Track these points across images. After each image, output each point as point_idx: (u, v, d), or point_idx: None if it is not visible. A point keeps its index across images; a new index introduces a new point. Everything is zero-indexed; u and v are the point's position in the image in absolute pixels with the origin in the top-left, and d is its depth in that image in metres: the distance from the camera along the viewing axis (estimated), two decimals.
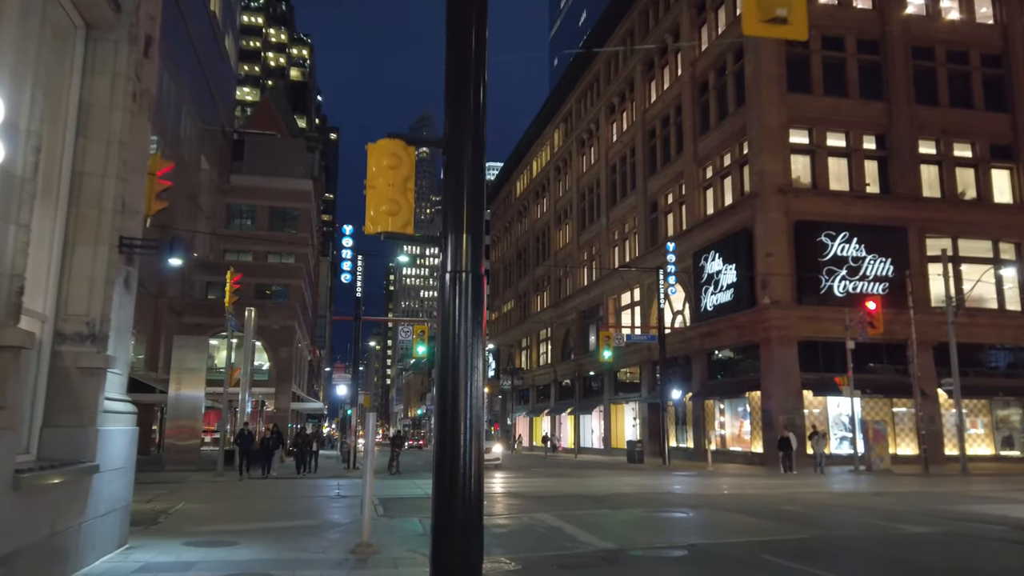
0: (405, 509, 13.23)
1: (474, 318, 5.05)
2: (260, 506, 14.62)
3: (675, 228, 38.65)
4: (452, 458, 4.93)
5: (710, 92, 35.89)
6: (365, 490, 8.56)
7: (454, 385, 4.97)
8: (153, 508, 13.60)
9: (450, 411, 4.97)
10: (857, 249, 30.52)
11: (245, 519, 12.33)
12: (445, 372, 5.03)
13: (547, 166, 62.77)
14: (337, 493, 17.53)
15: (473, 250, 5.09)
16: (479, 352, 5.07)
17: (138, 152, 8.64)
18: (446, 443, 4.95)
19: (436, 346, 5.17)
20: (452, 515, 4.92)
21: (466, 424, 4.93)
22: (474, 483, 4.97)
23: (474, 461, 4.96)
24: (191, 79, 40.78)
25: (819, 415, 29.60)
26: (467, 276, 5.04)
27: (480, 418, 5.03)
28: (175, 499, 15.39)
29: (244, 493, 17.21)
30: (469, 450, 4.93)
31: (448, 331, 5.03)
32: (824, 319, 29.32)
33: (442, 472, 4.99)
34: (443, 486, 4.98)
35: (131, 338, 8.74)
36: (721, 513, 12.69)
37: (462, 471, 4.92)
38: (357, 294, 30.03)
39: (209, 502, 15.51)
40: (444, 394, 5.01)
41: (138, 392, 33.26)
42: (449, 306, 5.03)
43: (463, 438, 4.91)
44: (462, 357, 4.97)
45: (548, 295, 61.26)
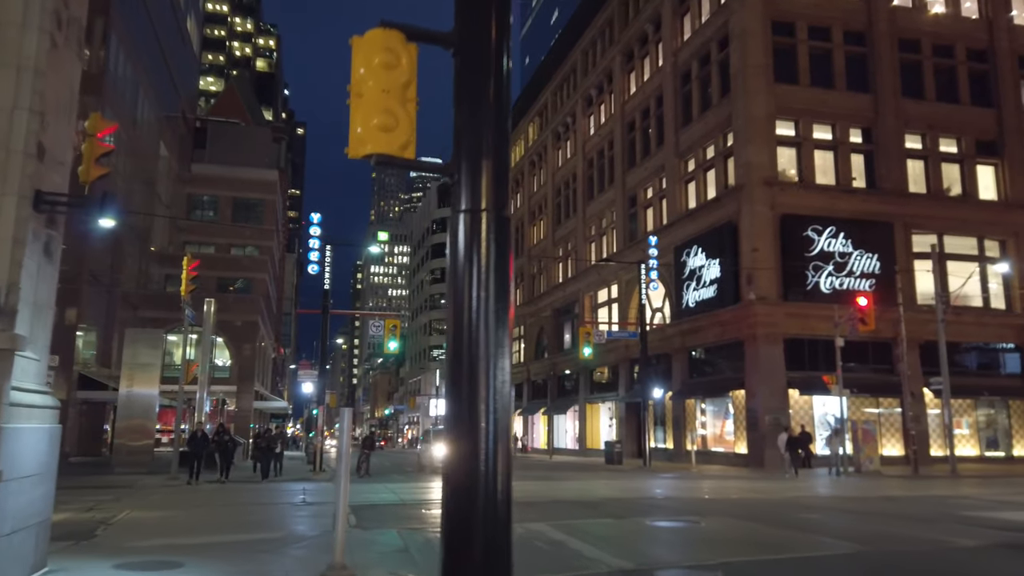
0: (381, 518, 11.77)
1: (498, 276, 3.69)
2: (215, 515, 13.04)
3: (655, 223, 37.60)
4: (469, 463, 3.55)
5: (693, 82, 34.89)
6: (339, 500, 7.12)
7: (472, 366, 3.60)
8: (92, 518, 11.97)
9: (466, 400, 3.60)
10: (844, 244, 29.72)
11: (196, 531, 10.78)
12: (460, 349, 3.65)
13: (521, 161, 61.46)
14: (302, 499, 15.97)
15: (496, 183, 3.73)
16: (505, 322, 3.71)
17: (62, 91, 7.11)
18: (462, 443, 3.58)
19: (448, 317, 3.78)
20: (470, 538, 3.54)
21: (489, 417, 3.57)
22: (501, 496, 3.60)
23: (500, 467, 3.60)
24: (149, 60, 38.67)
25: (804, 415, 28.71)
26: (489, 217, 3.68)
27: (507, 409, 3.66)
28: (120, 507, 13.74)
29: (199, 500, 15.57)
30: (493, 452, 3.56)
31: (463, 294, 3.67)
32: (810, 316, 28.44)
33: (456, 481, 3.62)
34: (458, 499, 3.61)
35: (52, 318, 7.19)
36: (735, 522, 11.46)
37: (484, 480, 3.54)
38: (325, 286, 28.38)
39: (158, 510, 13.86)
40: (458, 378, 3.64)
41: (89, 389, 31.27)
42: (465, 260, 3.67)
43: (485, 436, 3.54)
44: (482, 329, 3.61)
45: (521, 292, 59.94)
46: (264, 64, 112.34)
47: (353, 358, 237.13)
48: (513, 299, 3.68)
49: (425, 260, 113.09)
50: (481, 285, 3.62)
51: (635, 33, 41.13)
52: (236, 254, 48.93)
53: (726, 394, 30.79)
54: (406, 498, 15.78)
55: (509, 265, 3.74)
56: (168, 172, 45.73)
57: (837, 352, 25.65)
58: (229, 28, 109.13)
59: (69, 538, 9.72)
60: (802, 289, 29.16)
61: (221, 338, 45.55)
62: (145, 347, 24.99)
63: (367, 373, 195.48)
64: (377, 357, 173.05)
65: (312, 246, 28.26)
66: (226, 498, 16.13)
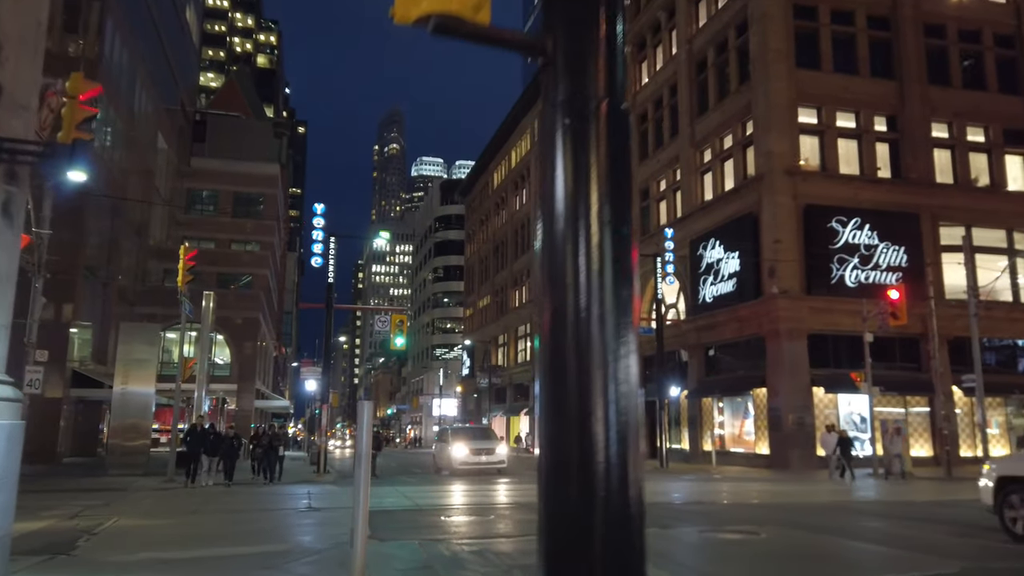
0: (397, 527, 10.58)
1: (616, 202, 2.50)
2: (211, 523, 11.86)
3: (668, 216, 36.41)
4: (584, 469, 2.35)
5: (709, 70, 33.68)
6: (357, 511, 5.94)
7: (581, 333, 2.39)
8: (75, 527, 10.80)
9: (573, 381, 2.39)
10: (869, 236, 28.52)
11: (190, 543, 9.61)
12: (562, 305, 2.46)
13: (527, 155, 60.25)
14: (307, 504, 14.78)
15: (610, 60, 2.53)
16: (629, 271, 2.51)
17: (26, 22, 5.94)
18: (569, 443, 2.38)
19: (540, 267, 2.56)
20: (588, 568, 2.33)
21: (608, 406, 2.38)
22: (634, 512, 2.39)
23: (632, 475, 2.39)
24: (147, 49, 37.51)
25: (830, 414, 27.50)
26: (602, 111, 2.49)
27: (632, 394, 2.45)
28: (108, 513, 12.57)
29: (195, 505, 14.39)
30: (617, 464, 2.36)
31: (563, 232, 2.47)
32: (835, 311, 27.25)
33: (560, 491, 2.40)
34: (565, 516, 2.39)
35: (12, 293, 6.01)
36: (800, 533, 10.20)
37: (605, 492, 2.34)
38: (329, 279, 27.20)
39: (150, 517, 12.70)
40: (559, 349, 2.44)
41: (83, 387, 30.07)
42: (566, 180, 2.47)
43: (602, 441, 2.34)
44: (595, 280, 2.42)
45: (527, 289, 58.75)
46: (265, 60, 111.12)
47: (355, 357, 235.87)
48: (635, 229, 2.44)
49: (428, 258, 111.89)
50: (592, 215, 2.43)
51: (647, 21, 39.93)
52: (236, 250, 47.76)
53: (745, 392, 29.59)
54: (422, 503, 14.59)
55: (629, 186, 2.54)
56: (167, 165, 44.60)
57: (866, 348, 24.44)
58: (230, 23, 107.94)
59: (45, 551, 8.55)
60: (826, 283, 27.95)
61: (221, 335, 44.41)
62: (141, 343, 23.86)
63: (368, 372, 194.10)
64: (379, 357, 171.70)
65: (316, 238, 27.15)
66: (224, 503, 14.95)
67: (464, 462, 24.69)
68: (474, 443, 25.57)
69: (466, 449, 25.00)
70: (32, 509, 12.90)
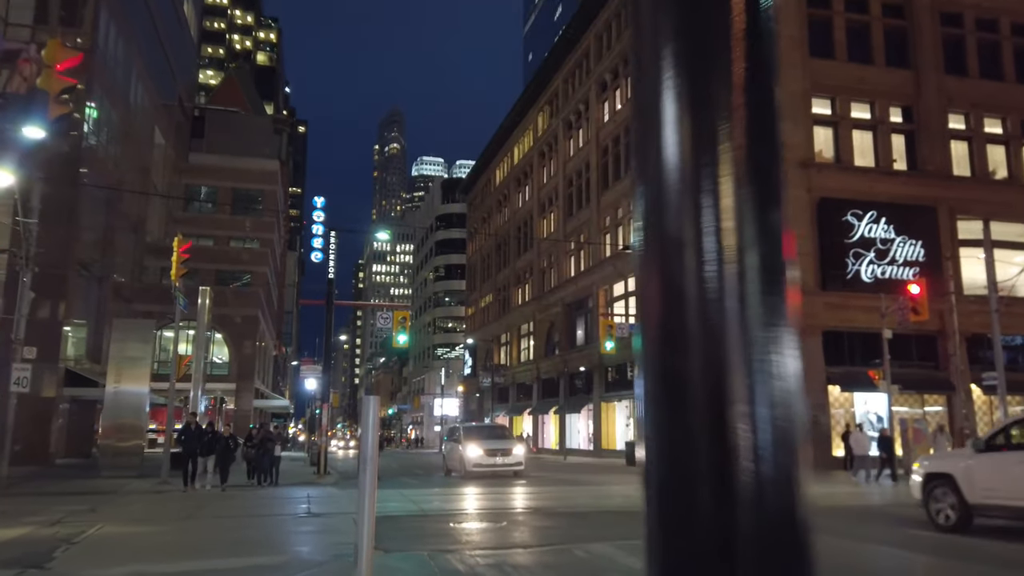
0: (403, 535, 9.77)
1: (760, 132, 1.65)
2: (203, 531, 11.06)
3: None
4: (722, 485, 1.52)
5: None
6: (363, 520, 5.13)
7: (711, 312, 1.57)
8: (55, 535, 10.00)
9: (703, 374, 1.55)
10: (886, 230, 27.72)
11: (178, 553, 8.81)
12: (680, 276, 1.60)
13: (530, 152, 59.51)
14: (307, 509, 13.97)
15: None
16: (779, 224, 1.63)
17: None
18: (696, 455, 1.55)
19: (644, 225, 1.69)
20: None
21: (758, 406, 1.53)
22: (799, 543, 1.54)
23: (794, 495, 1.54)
24: (144, 41, 36.72)
25: (845, 413, 26.72)
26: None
27: (793, 392, 1.58)
28: (93, 519, 11.78)
29: (187, 510, 13.58)
30: (779, 467, 1.54)
31: (688, 167, 1.63)
32: (850, 307, 26.47)
33: (682, 517, 1.56)
34: (692, 550, 1.55)
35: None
36: (866, 546, 9.39)
37: (757, 519, 1.51)
38: (329, 274, 26.45)
39: (137, 523, 11.91)
40: (676, 334, 1.60)
41: (77, 386, 29.29)
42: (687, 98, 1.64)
43: (755, 437, 1.51)
44: (731, 239, 1.56)
45: (530, 287, 58.00)
46: (265, 58, 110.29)
47: (355, 357, 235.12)
48: None
49: (428, 258, 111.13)
50: (721, 152, 1.60)
51: None
52: (235, 247, 46.99)
53: None
54: (427, 508, 13.79)
55: (775, 108, 1.72)
56: (164, 161, 43.82)
57: (884, 344, 23.64)
58: (229, 20, 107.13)
59: (16, 564, 7.76)
60: (842, 278, 27.16)
61: (220, 334, 43.68)
62: (135, 340, 23.04)
63: (369, 373, 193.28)
64: (379, 356, 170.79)
65: (316, 232, 26.41)
66: (219, 508, 14.14)
67: (478, 464, 22.82)
68: (489, 443, 23.67)
69: (480, 450, 23.11)
70: (13, 514, 12.12)
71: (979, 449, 10.39)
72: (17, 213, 17.62)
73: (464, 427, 27.93)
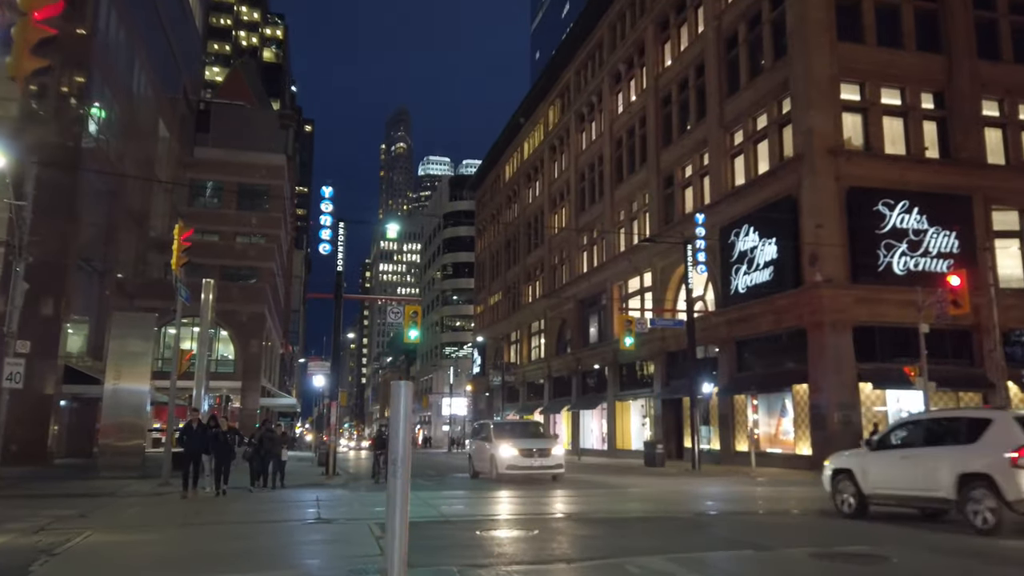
0: (426, 545, 8.63)
1: None
2: (201, 539, 9.99)
3: (695, 203, 34.42)
4: None
5: (740, 47, 31.70)
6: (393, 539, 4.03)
7: None
8: (36, 544, 8.97)
9: None
10: (918, 221, 26.52)
11: (169, 567, 7.76)
12: None
13: (540, 146, 58.39)
14: (315, 515, 12.89)
15: None
16: None
17: None
18: None
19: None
20: None
21: None
22: None
23: None
24: (147, 29, 35.78)
25: (878, 412, 25.53)
26: None
27: None
28: (82, 525, 10.77)
29: (185, 514, 12.53)
30: None
31: None
32: (882, 300, 25.29)
33: None
34: None
35: None
36: (946, 557, 8.28)
37: None
38: (338, 267, 25.36)
39: (129, 531, 10.89)
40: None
41: (78, 383, 28.29)
42: None
43: None
44: None
45: (541, 284, 56.86)
46: (271, 55, 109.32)
47: (362, 357, 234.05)
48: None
49: (437, 255, 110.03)
50: None
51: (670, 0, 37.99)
52: (241, 242, 46.01)
53: (783, 389, 27.63)
54: (448, 513, 12.71)
55: None
56: (169, 155, 42.89)
57: (921, 340, 22.45)
58: (235, 16, 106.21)
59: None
60: (873, 271, 25.96)
61: (226, 331, 42.75)
62: (135, 335, 22.04)
63: (376, 372, 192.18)
64: (386, 356, 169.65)
65: (324, 223, 25.30)
66: (219, 513, 13.07)
67: (513, 465, 20.35)
68: (524, 442, 21.12)
69: (515, 450, 20.66)
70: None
71: (872, 448, 12.24)
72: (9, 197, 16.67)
73: (495, 424, 25.49)
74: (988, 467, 9.79)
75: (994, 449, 9.89)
